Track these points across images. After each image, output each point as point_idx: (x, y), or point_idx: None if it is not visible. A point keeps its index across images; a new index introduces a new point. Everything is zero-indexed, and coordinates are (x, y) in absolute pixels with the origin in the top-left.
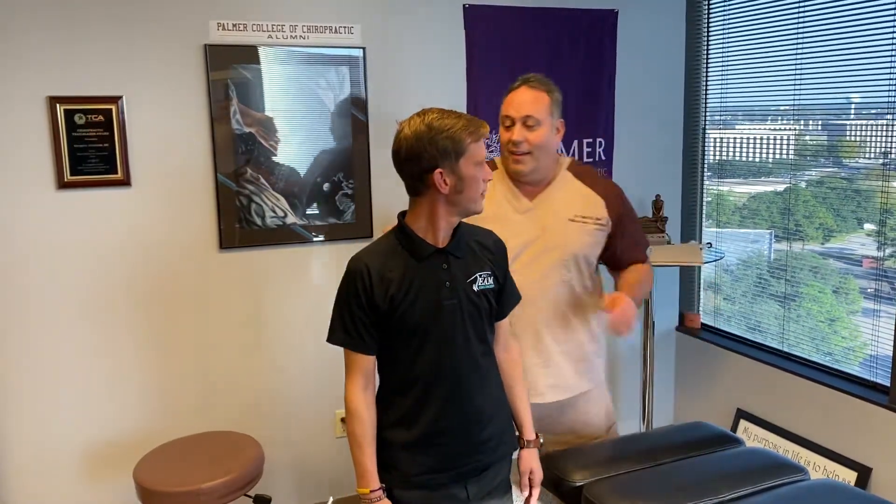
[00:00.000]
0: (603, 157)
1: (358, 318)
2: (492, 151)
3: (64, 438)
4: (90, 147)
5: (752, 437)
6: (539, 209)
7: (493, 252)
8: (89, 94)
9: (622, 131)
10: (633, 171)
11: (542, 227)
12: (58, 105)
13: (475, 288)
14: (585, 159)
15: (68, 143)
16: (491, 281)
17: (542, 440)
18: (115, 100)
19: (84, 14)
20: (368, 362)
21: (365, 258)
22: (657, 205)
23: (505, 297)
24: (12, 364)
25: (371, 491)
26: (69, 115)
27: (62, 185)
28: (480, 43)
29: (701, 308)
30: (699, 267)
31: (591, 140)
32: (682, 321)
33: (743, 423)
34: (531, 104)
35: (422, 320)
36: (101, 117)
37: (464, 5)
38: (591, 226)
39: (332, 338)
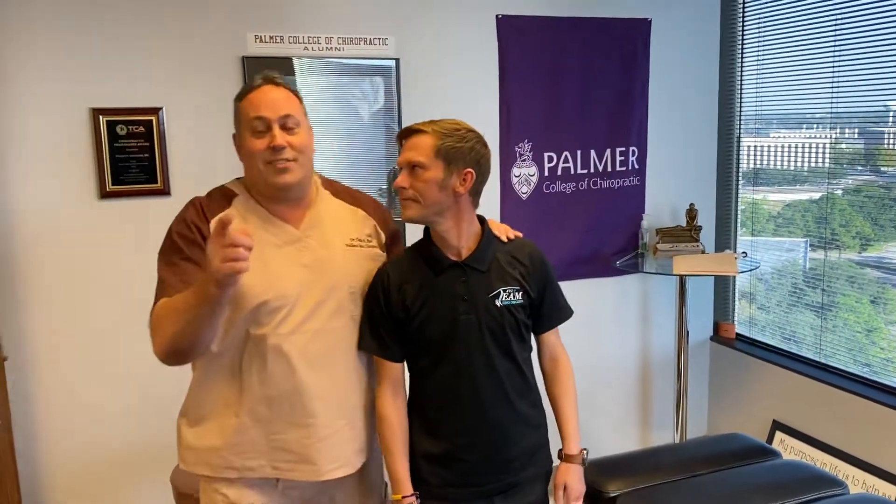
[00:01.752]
0: (636, 166)
1: (381, 325)
2: (524, 160)
3: (103, 440)
4: (131, 157)
5: (789, 449)
6: (309, 237)
7: (525, 265)
8: (130, 105)
9: (655, 140)
10: (666, 180)
11: (317, 260)
12: (100, 116)
13: (497, 303)
14: (618, 168)
15: (110, 153)
16: (519, 296)
17: (586, 454)
18: (155, 111)
19: (126, 28)
20: (396, 370)
21: (388, 267)
22: (691, 213)
23: (546, 310)
24: (54, 367)
25: (403, 497)
26: (111, 126)
27: (104, 194)
28: (513, 53)
29: (736, 318)
30: (734, 277)
31: (623, 149)
32: (716, 331)
33: (779, 435)
34: (286, 102)
35: (438, 335)
36: (141, 128)
37: (497, 16)
38: (368, 249)
39: (361, 344)
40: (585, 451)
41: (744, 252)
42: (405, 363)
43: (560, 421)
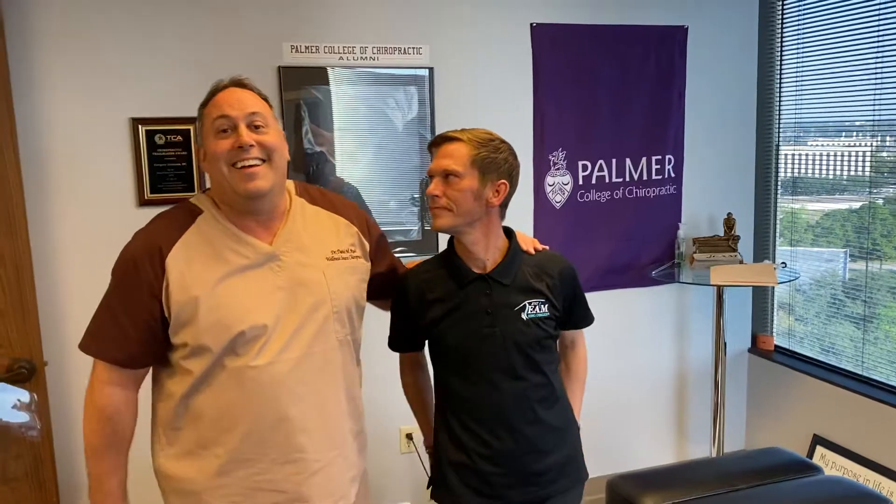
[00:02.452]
0: (672, 175)
1: (404, 331)
2: (558, 169)
3: (141, 444)
4: (169, 166)
5: (830, 464)
6: (285, 254)
7: (552, 277)
8: (169, 115)
9: (692, 148)
10: (703, 189)
11: (295, 279)
12: (140, 126)
13: (523, 316)
14: (654, 176)
15: (149, 162)
16: (545, 309)
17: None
18: (192, 120)
19: (165, 40)
20: (415, 356)
21: (410, 276)
22: (729, 223)
23: (571, 321)
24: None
25: (427, 447)
26: (150, 135)
27: (142, 202)
28: (547, 61)
29: (774, 329)
30: (772, 287)
31: (659, 157)
32: (754, 343)
33: (820, 450)
34: (253, 101)
35: (460, 347)
36: (179, 137)
37: (531, 24)
38: (352, 260)
39: (391, 344)
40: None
41: (783, 262)
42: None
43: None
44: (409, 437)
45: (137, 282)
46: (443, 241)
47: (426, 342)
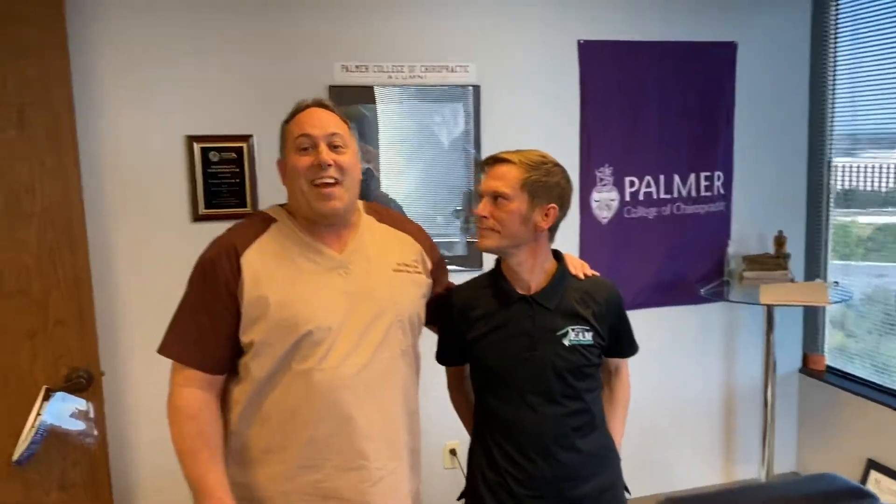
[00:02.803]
0: (721, 192)
1: (449, 344)
2: (604, 185)
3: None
4: (223, 182)
5: (886, 491)
6: (353, 262)
7: (599, 304)
8: (223, 133)
9: (742, 164)
10: (753, 206)
11: (361, 287)
12: (195, 143)
13: (565, 342)
14: (703, 193)
15: (204, 178)
16: (588, 336)
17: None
18: (246, 138)
19: (220, 60)
20: (458, 369)
21: (455, 292)
22: (779, 241)
23: (614, 350)
24: (149, 382)
25: None
26: (205, 152)
27: (197, 217)
28: (595, 78)
29: (826, 349)
30: (824, 306)
31: (708, 174)
32: (805, 362)
33: (874, 475)
34: (334, 122)
35: (498, 368)
36: (233, 154)
37: (578, 41)
38: (415, 275)
39: (438, 357)
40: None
41: (835, 281)
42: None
43: (607, 424)
44: (453, 452)
45: (215, 280)
46: (488, 257)
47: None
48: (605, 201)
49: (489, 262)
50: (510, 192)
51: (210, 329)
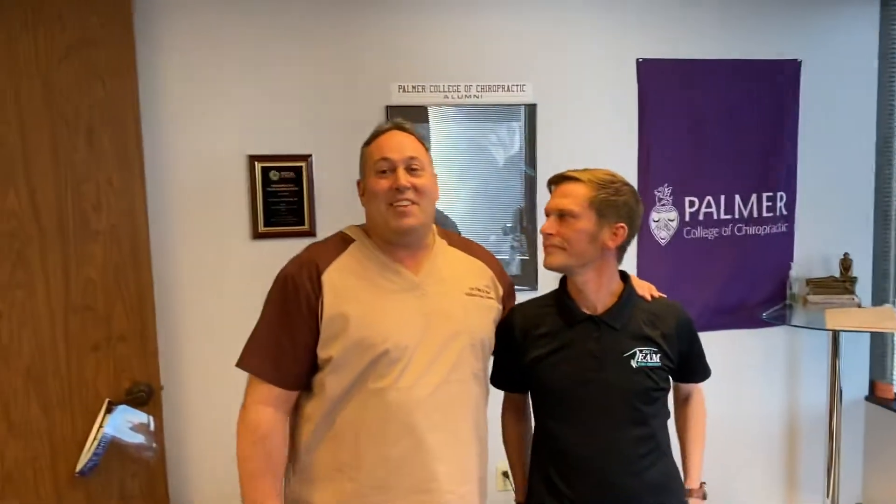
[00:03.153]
0: (784, 212)
1: (507, 366)
2: (663, 205)
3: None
4: (282, 201)
5: None
6: (428, 284)
7: (668, 326)
8: (284, 152)
9: (805, 185)
10: (817, 228)
11: (436, 308)
12: (256, 163)
13: (633, 364)
14: (765, 214)
15: (263, 196)
16: (656, 359)
17: (705, 492)
18: (305, 157)
19: (281, 81)
20: (519, 398)
21: (516, 311)
22: (845, 263)
23: (685, 374)
24: (208, 397)
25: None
26: (265, 171)
27: (256, 235)
28: (653, 96)
29: (895, 377)
30: (893, 333)
31: (770, 194)
32: (872, 390)
33: None
34: (413, 146)
35: (561, 389)
36: (292, 174)
37: (637, 59)
38: (487, 300)
39: (493, 380)
40: (705, 485)
41: None
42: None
43: (683, 454)
44: (506, 475)
45: (296, 296)
46: (542, 276)
47: (524, 384)
48: (665, 222)
49: (543, 281)
50: (578, 209)
51: (289, 344)
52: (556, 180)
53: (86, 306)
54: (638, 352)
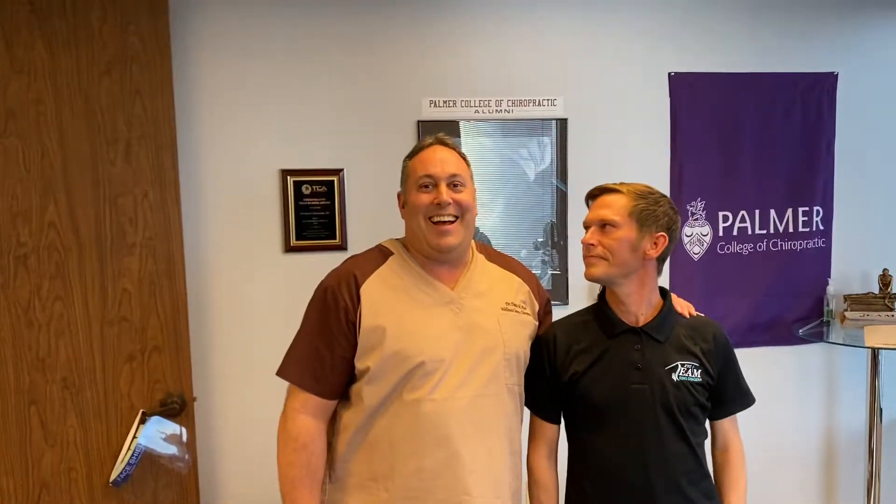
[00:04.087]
0: (821, 227)
1: (541, 385)
2: (696, 219)
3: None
4: (313, 214)
5: None
6: (464, 299)
7: (708, 342)
8: (315, 167)
9: (843, 199)
10: (855, 243)
11: (472, 322)
12: (288, 177)
13: (674, 377)
14: (801, 229)
15: (295, 210)
16: (697, 374)
17: None
18: (337, 172)
19: (314, 97)
20: (553, 431)
21: (556, 327)
22: (885, 280)
23: (726, 397)
24: (240, 409)
25: None
26: (297, 185)
27: (288, 248)
28: (686, 110)
29: None
30: None
31: (806, 209)
32: None
33: None
34: (455, 162)
35: (604, 401)
36: (324, 188)
37: (669, 73)
38: (523, 315)
39: (531, 403)
40: None
41: None
42: (562, 426)
43: None
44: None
45: (335, 309)
46: (574, 291)
47: (561, 409)
48: (698, 236)
49: (574, 296)
50: (619, 219)
51: (328, 355)
52: (596, 193)
53: (121, 318)
54: (680, 365)
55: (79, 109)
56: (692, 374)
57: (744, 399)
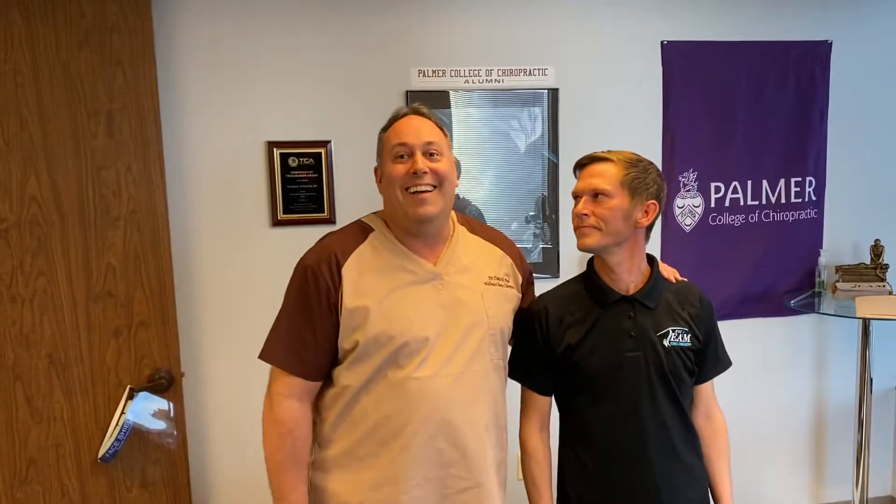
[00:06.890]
0: (813, 198)
1: (534, 358)
2: (688, 191)
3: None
4: (301, 188)
5: None
6: (447, 274)
7: (695, 306)
8: (302, 139)
9: (835, 169)
10: (847, 213)
11: (455, 299)
12: (275, 149)
13: (665, 343)
14: (793, 199)
15: (282, 183)
16: (687, 339)
17: None
18: (324, 144)
19: (300, 67)
20: (545, 403)
21: (546, 300)
22: (876, 250)
23: (708, 360)
24: (228, 384)
25: None
26: (284, 158)
27: (275, 222)
28: (678, 79)
29: None
30: None
31: (799, 179)
32: None
33: None
34: (430, 130)
35: (600, 370)
36: (311, 160)
37: (661, 42)
38: (506, 289)
39: (511, 373)
40: None
41: None
42: (554, 399)
43: (714, 481)
44: None
45: (316, 290)
46: (564, 264)
47: (553, 381)
48: (689, 208)
49: (565, 269)
50: (611, 188)
51: (311, 337)
52: (585, 162)
53: (106, 293)
54: (671, 331)
55: (58, 80)
56: (682, 339)
57: (724, 362)
